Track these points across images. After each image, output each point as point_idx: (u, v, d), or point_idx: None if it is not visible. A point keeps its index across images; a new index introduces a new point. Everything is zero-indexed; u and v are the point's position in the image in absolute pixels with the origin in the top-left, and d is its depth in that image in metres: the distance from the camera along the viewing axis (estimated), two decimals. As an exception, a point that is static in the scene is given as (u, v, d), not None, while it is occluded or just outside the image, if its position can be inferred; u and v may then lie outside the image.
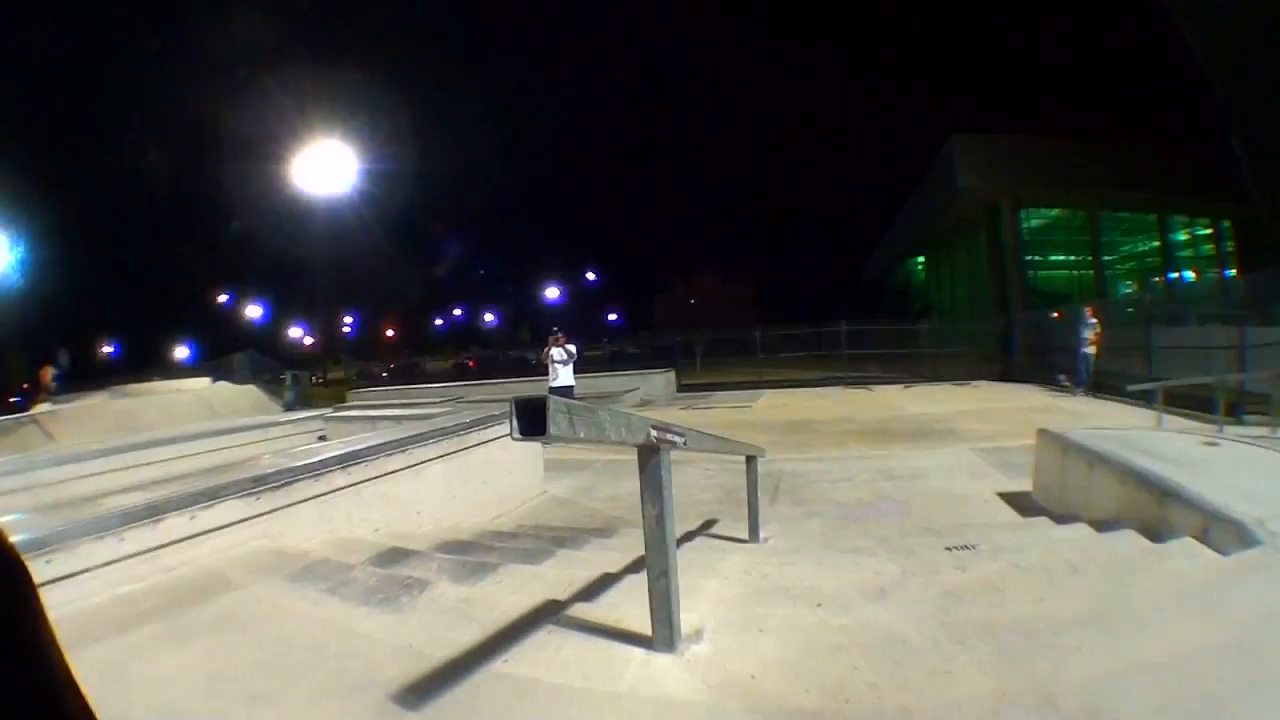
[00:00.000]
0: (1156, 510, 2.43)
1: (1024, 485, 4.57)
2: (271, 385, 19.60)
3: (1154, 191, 22.23)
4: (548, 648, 1.60)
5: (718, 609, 1.94)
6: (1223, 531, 2.03)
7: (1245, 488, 2.29)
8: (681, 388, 16.13)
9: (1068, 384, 10.51)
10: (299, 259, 31.38)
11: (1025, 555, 2.48)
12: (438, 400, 14.35)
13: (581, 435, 1.18)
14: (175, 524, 2.39)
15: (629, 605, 1.95)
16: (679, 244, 63.87)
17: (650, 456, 1.54)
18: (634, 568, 2.55)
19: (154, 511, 2.31)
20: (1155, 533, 2.33)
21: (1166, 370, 9.52)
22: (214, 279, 41.14)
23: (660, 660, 1.52)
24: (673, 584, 1.51)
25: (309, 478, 3.03)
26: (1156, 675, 1.48)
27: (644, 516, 1.51)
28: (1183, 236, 26.25)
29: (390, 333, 53.16)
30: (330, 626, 1.79)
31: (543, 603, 1.95)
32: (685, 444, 1.79)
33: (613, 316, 50.60)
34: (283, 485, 2.86)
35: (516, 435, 1.11)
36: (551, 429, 1.08)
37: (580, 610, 1.87)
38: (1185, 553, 2.06)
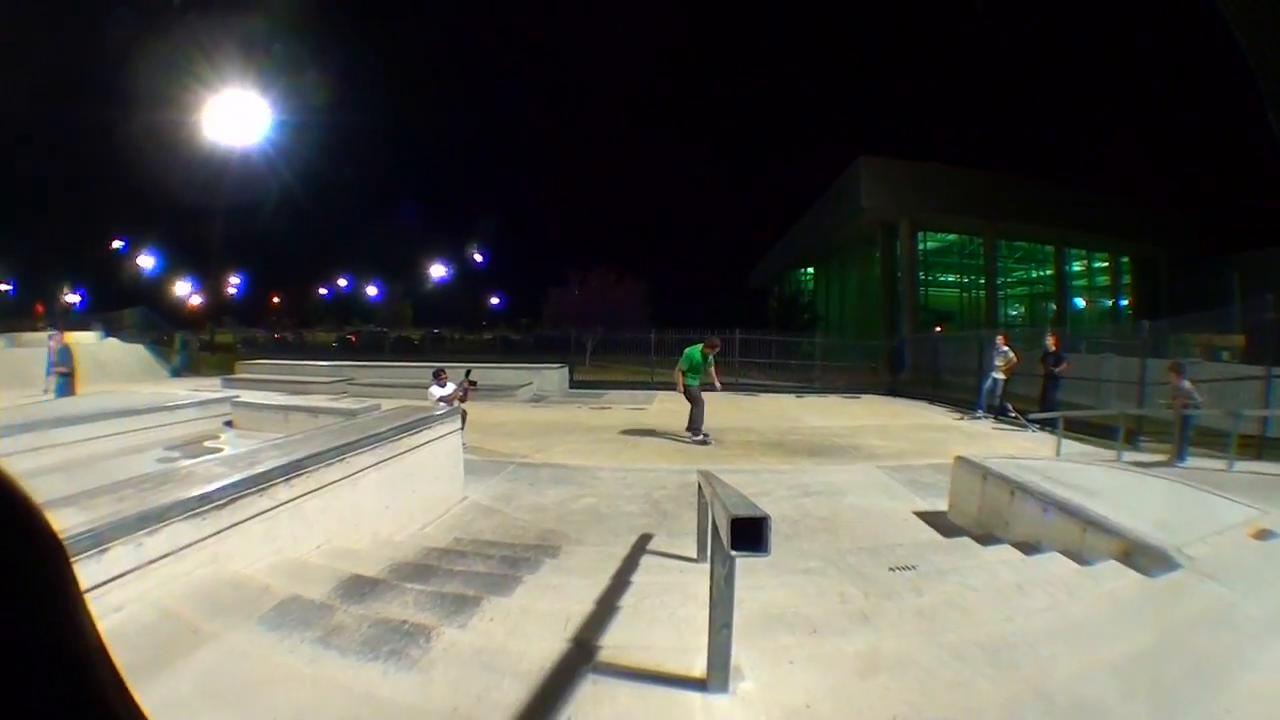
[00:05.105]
0: (1080, 536, 2.84)
1: (936, 505, 5.01)
2: (160, 347, 18.75)
3: (1054, 225, 24.28)
4: (603, 701, 1.59)
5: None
6: (1145, 557, 2.42)
7: (1158, 518, 2.75)
8: (573, 384, 15.95)
9: (1015, 414, 10.10)
10: (197, 209, 29.32)
11: (970, 576, 2.79)
12: (328, 380, 13.92)
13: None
14: (121, 554, 2.06)
15: (654, 643, 1.97)
16: (575, 236, 64.04)
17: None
18: (613, 594, 2.61)
19: (98, 541, 1.98)
20: (1079, 556, 2.73)
21: (1070, 396, 10.17)
22: (109, 222, 38.16)
23: (720, 702, 1.57)
24: (731, 634, 1.58)
25: (254, 492, 2.77)
26: (1120, 670, 1.83)
27: (713, 576, 1.72)
28: (1078, 268, 29.08)
29: (275, 299, 50.84)
30: (350, 694, 1.64)
31: (563, 647, 1.92)
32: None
33: (495, 300, 50.10)
34: (228, 502, 2.60)
35: (732, 551, 1.35)
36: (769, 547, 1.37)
37: (609, 655, 1.86)
38: (1114, 574, 2.44)
